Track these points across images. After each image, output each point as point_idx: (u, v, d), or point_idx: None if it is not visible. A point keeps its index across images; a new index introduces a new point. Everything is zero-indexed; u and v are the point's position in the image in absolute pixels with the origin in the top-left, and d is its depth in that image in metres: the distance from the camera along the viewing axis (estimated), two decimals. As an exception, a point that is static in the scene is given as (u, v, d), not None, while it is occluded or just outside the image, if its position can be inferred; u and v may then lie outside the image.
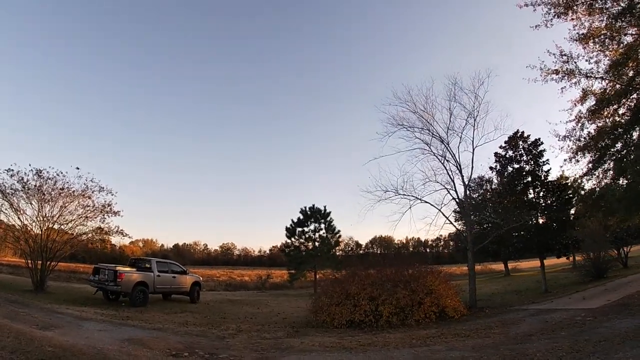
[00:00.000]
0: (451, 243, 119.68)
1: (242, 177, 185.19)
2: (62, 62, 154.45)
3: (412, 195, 19.26)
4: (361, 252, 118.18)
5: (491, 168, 26.31)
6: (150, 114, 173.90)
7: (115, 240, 24.28)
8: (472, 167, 19.27)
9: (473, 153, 19.17)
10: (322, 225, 33.98)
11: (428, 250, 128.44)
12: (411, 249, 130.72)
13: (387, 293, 14.23)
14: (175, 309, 18.64)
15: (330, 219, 34.18)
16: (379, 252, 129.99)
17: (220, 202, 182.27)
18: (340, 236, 34.58)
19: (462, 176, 19.23)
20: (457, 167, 19.19)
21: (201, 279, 24.36)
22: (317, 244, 33.67)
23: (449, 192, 19.37)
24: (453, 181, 19.26)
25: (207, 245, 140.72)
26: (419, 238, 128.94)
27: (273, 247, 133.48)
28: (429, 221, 19.43)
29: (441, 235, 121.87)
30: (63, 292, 21.21)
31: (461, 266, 39.65)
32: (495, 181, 31.93)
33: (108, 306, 17.58)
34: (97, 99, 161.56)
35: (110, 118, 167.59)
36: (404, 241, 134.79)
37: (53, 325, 11.35)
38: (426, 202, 19.29)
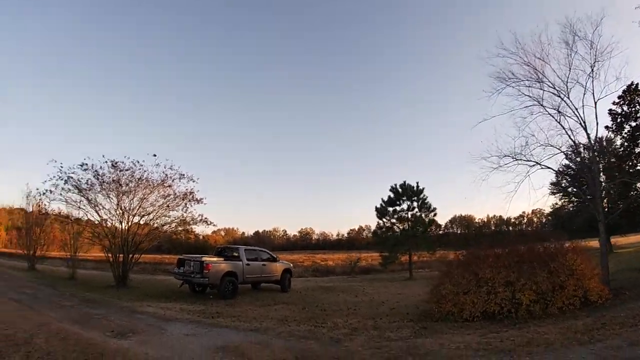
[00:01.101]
0: (535, 220, 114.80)
1: (319, 162, 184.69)
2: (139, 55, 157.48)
3: (532, 160, 16.61)
4: (440, 232, 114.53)
5: (607, 127, 23.17)
6: (226, 102, 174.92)
7: (199, 229, 23.15)
8: (597, 123, 16.35)
9: (595, 107, 16.14)
10: (415, 204, 31.26)
11: (511, 228, 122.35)
12: (493, 228, 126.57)
13: (526, 276, 11.64)
14: (268, 300, 17.03)
15: (424, 195, 31.18)
16: (459, 232, 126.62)
17: (298, 189, 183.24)
18: (435, 214, 31.50)
19: (588, 134, 16.43)
20: (580, 123, 16.33)
21: (292, 265, 22.75)
22: (410, 223, 31.03)
23: (566, 155, 16.79)
24: (574, 142, 16.56)
25: (286, 231, 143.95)
26: (500, 216, 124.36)
27: (351, 230, 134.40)
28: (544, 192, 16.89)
29: (524, 212, 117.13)
30: (146, 286, 20.48)
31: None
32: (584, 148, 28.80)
33: (195, 300, 16.30)
34: (172, 90, 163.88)
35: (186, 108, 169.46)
36: (485, 220, 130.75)
37: (131, 330, 9.87)
38: (547, 167, 16.64)
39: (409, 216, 30.83)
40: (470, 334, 9.47)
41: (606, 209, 22.07)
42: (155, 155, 21.01)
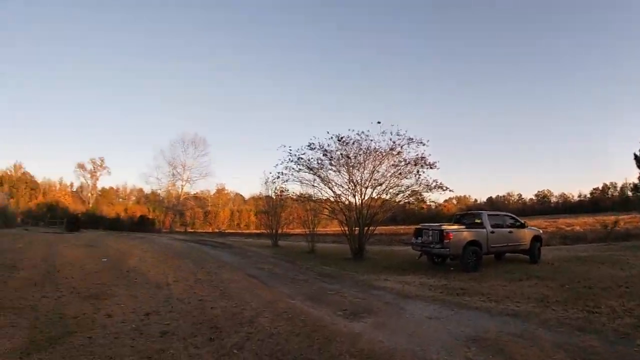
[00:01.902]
0: None
1: (555, 113, 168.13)
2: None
3: None
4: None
5: None
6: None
7: (433, 197, 21.98)
8: None
9: None
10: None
11: None
12: None
13: None
14: (517, 273, 14.60)
15: None
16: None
17: (532, 149, 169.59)
18: None
19: None
20: None
21: (542, 232, 19.71)
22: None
23: None
24: None
25: (521, 195, 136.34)
26: None
27: (594, 189, 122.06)
28: None
29: None
30: (382, 258, 20.16)
31: None
32: None
33: (434, 272, 15.07)
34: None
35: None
36: None
37: (365, 309, 9.01)
38: None
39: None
40: None
41: None
42: (379, 123, 20.31)
